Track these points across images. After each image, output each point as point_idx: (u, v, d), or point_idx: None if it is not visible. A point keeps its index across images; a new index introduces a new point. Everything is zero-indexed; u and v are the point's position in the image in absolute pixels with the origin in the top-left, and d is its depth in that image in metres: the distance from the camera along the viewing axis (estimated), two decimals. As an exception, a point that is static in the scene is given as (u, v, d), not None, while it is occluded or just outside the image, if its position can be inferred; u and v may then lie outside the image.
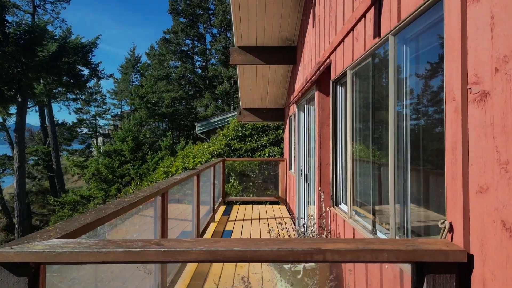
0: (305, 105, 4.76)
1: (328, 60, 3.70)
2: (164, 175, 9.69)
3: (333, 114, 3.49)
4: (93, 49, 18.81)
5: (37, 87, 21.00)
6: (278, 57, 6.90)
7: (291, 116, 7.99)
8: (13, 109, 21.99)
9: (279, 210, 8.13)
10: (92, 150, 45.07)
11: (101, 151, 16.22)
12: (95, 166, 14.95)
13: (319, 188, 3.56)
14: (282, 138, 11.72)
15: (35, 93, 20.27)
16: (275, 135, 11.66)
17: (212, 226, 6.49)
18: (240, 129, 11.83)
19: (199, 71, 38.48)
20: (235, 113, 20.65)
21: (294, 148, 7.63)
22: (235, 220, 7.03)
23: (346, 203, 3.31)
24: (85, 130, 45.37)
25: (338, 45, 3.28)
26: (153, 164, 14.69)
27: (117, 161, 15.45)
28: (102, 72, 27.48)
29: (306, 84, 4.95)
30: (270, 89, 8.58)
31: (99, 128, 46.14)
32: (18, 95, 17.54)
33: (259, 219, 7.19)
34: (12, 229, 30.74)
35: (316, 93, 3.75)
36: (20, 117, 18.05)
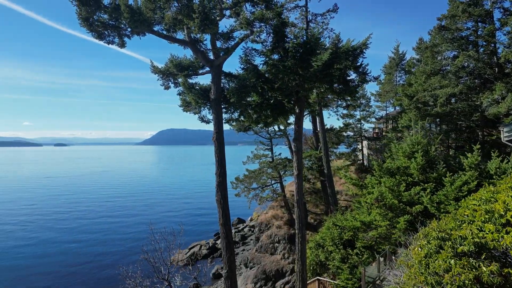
0: None
1: None
2: (486, 216, 6.18)
3: None
4: (364, 51, 17.37)
5: (310, 97, 21.91)
6: None
7: None
8: (290, 118, 24.08)
9: None
10: (357, 153, 45.48)
11: (382, 168, 13.93)
12: (378, 190, 12.60)
13: None
14: None
15: (309, 103, 21.09)
16: None
17: None
18: None
19: (484, 57, 30.57)
20: None
21: None
22: None
23: None
24: (351, 134, 46.40)
25: None
26: (454, 190, 10.70)
27: (402, 182, 12.54)
28: (369, 74, 26.12)
29: None
30: None
31: (363, 132, 45.99)
32: (295, 107, 18.53)
33: None
34: (292, 223, 34.96)
35: None
36: (298, 127, 19.05)
